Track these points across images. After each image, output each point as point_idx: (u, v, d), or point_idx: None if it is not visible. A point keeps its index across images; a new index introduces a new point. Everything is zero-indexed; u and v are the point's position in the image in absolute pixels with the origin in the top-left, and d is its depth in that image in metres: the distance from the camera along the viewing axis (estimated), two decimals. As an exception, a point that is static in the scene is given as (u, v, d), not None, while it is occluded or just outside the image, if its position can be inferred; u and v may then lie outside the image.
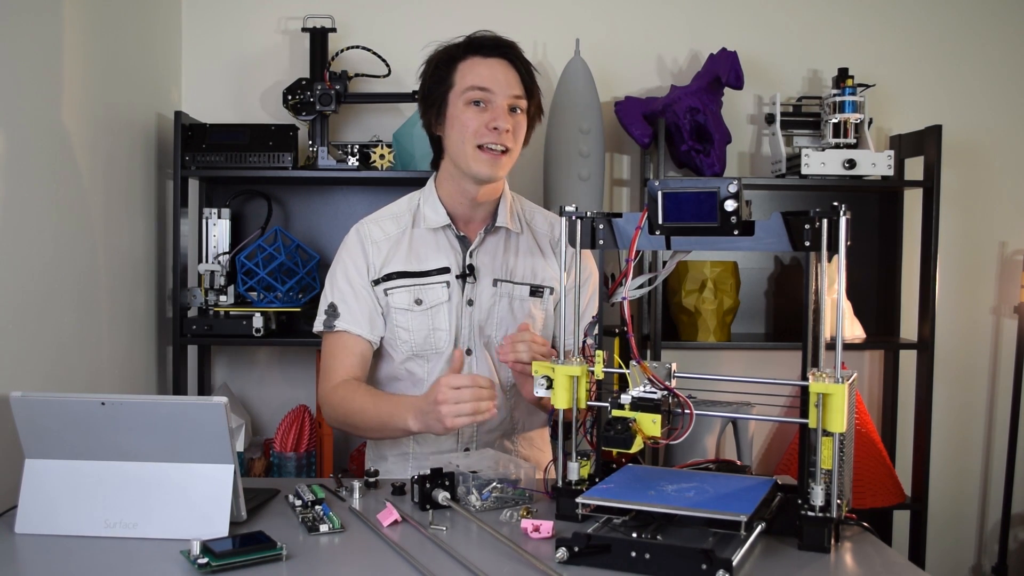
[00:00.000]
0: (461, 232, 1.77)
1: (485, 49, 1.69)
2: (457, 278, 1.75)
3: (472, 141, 1.66)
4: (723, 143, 2.62)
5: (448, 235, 1.77)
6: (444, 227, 1.76)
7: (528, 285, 1.78)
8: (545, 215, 1.87)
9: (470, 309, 1.75)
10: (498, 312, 1.76)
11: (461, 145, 1.68)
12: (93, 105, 2.12)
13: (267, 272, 2.49)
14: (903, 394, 2.80)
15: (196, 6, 2.77)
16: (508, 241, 1.79)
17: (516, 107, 1.69)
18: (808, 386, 1.22)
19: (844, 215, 1.22)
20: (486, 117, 1.66)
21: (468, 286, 1.75)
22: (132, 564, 1.22)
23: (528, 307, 1.77)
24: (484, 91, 1.66)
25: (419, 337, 1.74)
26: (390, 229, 1.78)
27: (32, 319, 1.82)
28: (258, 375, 2.81)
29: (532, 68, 1.73)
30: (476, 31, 1.72)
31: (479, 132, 1.66)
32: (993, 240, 2.90)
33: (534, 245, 1.81)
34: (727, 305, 2.65)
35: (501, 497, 1.43)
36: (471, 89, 1.67)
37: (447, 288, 1.74)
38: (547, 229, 1.85)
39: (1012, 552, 2.87)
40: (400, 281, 1.74)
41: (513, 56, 1.70)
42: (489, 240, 1.78)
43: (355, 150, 2.53)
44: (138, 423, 1.30)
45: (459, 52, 1.71)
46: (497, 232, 1.79)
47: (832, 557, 1.22)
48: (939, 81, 2.86)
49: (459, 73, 1.69)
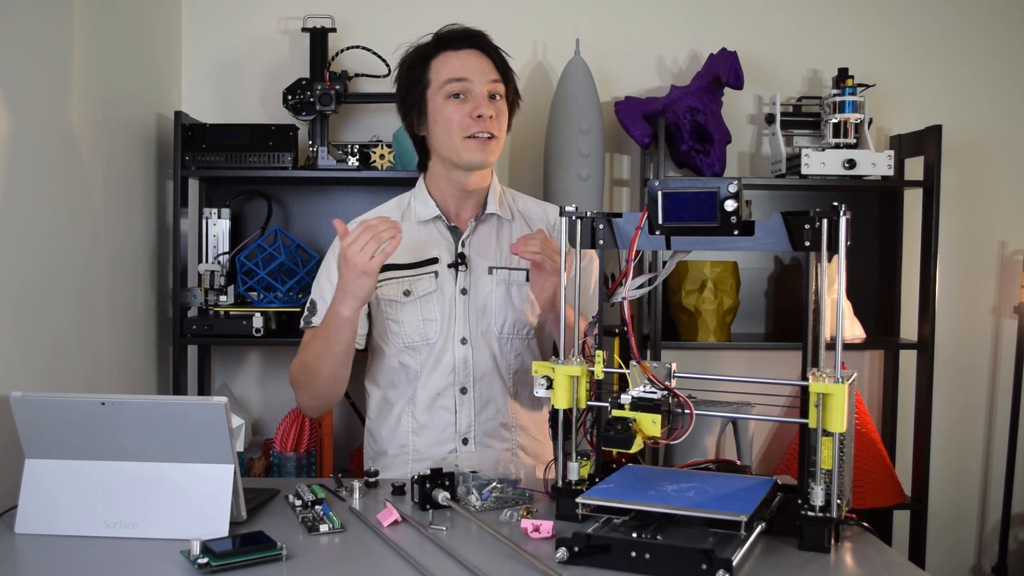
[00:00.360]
0: (452, 223, 1.79)
1: (455, 42, 1.72)
2: (449, 267, 1.76)
3: (459, 133, 1.68)
4: (723, 143, 2.62)
5: (439, 226, 1.79)
6: (434, 219, 1.78)
7: (525, 270, 1.78)
8: (538, 202, 1.89)
9: (464, 298, 1.76)
10: (496, 299, 1.76)
11: (448, 139, 1.70)
12: (93, 105, 2.12)
13: (267, 272, 2.49)
14: (903, 394, 2.80)
15: (196, 6, 2.76)
16: (501, 229, 1.81)
17: (495, 93, 1.71)
18: (808, 386, 1.22)
19: (844, 215, 1.22)
20: (468, 107, 1.68)
21: (461, 275, 1.76)
22: (132, 564, 1.22)
23: (526, 292, 1.78)
24: (462, 82, 1.68)
25: (409, 328, 1.75)
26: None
27: (32, 319, 1.82)
28: (258, 375, 2.81)
29: (504, 53, 1.75)
30: (443, 26, 1.74)
31: (464, 123, 1.68)
32: (993, 240, 2.90)
33: (527, 230, 1.81)
34: (727, 305, 2.65)
35: (501, 497, 1.43)
36: (449, 82, 1.69)
37: (435, 278, 1.75)
38: (541, 214, 1.86)
39: (1012, 552, 2.87)
40: (389, 274, 1.76)
41: (484, 44, 1.73)
42: (481, 229, 1.79)
43: (355, 150, 2.54)
44: (138, 423, 1.30)
45: (430, 50, 1.73)
46: (489, 221, 1.80)
47: (832, 557, 1.23)
48: (939, 81, 2.86)
49: (433, 70, 1.71)
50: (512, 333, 1.78)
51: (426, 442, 1.77)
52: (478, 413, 1.76)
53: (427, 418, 1.77)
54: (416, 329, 1.75)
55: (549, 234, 1.81)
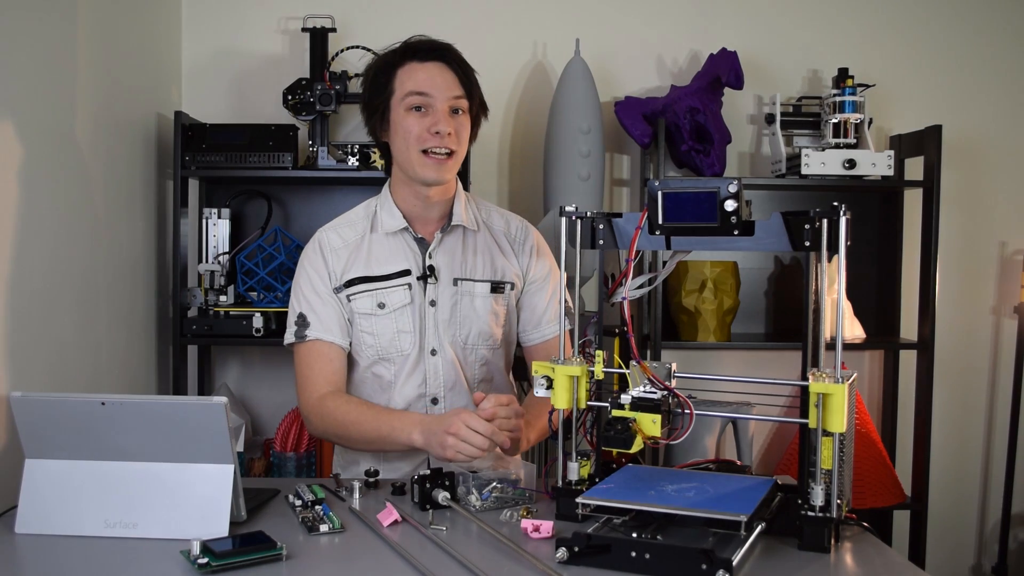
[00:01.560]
0: (419, 234, 1.78)
1: (421, 53, 1.70)
2: (418, 279, 1.75)
3: (416, 147, 1.67)
4: (723, 143, 2.62)
5: (406, 238, 1.77)
6: (401, 230, 1.77)
7: (488, 282, 1.78)
8: (501, 213, 1.88)
9: (433, 310, 1.75)
10: (461, 310, 1.76)
11: (406, 151, 1.69)
12: (93, 105, 2.12)
13: (267, 272, 2.49)
14: (903, 394, 2.80)
15: (196, 6, 2.77)
16: (466, 240, 1.80)
17: (457, 108, 1.70)
18: (808, 386, 1.22)
19: (844, 215, 1.22)
20: (427, 122, 1.67)
21: (430, 287, 1.75)
22: (132, 564, 1.22)
23: (490, 304, 1.78)
24: (423, 96, 1.67)
25: (384, 341, 1.74)
26: (348, 236, 1.79)
27: (32, 319, 1.82)
28: (258, 375, 2.81)
29: (470, 69, 1.74)
30: (412, 36, 1.74)
31: (422, 137, 1.67)
32: (993, 240, 2.90)
33: (492, 242, 1.82)
34: (727, 305, 2.65)
35: (501, 497, 1.43)
36: (410, 95, 1.68)
37: (409, 290, 1.75)
38: (503, 226, 1.85)
39: (1012, 552, 2.87)
40: (362, 286, 1.75)
41: (450, 58, 1.71)
42: (447, 240, 1.78)
43: (355, 150, 2.53)
44: (138, 423, 1.30)
45: (397, 58, 1.72)
46: (454, 232, 1.79)
47: (832, 557, 1.23)
48: (939, 81, 2.86)
49: (398, 79, 1.70)
50: (477, 343, 1.77)
51: (398, 451, 1.75)
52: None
53: None
54: (391, 341, 1.74)
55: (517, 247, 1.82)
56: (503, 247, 1.82)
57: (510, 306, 1.81)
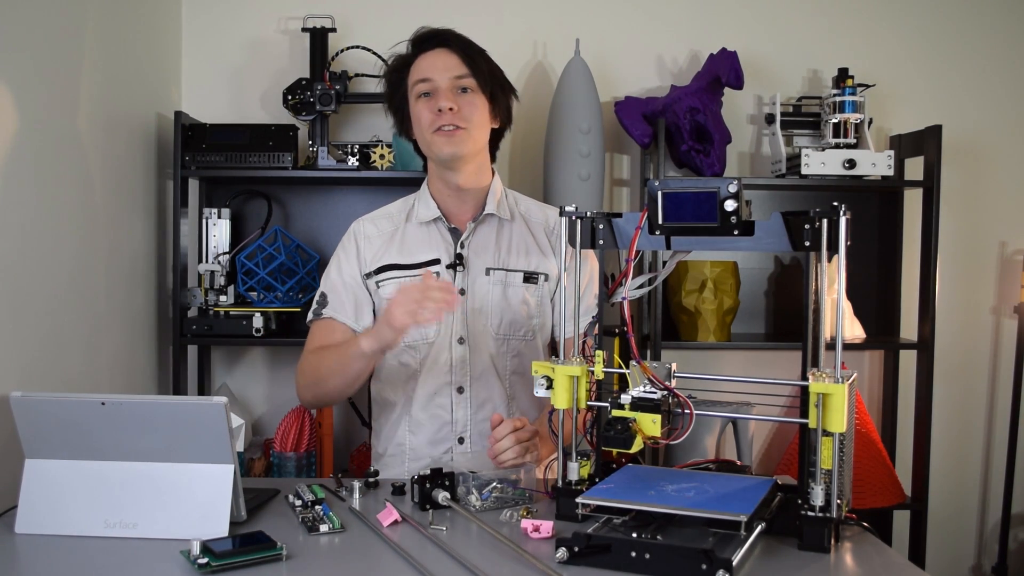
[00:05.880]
0: (452, 225, 1.82)
1: (425, 44, 1.77)
2: (448, 267, 1.78)
3: (428, 129, 1.74)
4: (723, 143, 2.62)
5: (440, 228, 1.82)
6: (435, 220, 1.81)
7: (522, 272, 1.81)
8: (539, 205, 1.92)
9: (462, 298, 1.78)
10: (492, 300, 1.79)
11: (422, 137, 1.76)
12: (93, 105, 2.12)
13: (267, 272, 2.49)
14: (903, 394, 2.80)
15: (196, 6, 2.76)
16: (501, 231, 1.83)
17: (464, 87, 1.75)
18: (808, 386, 1.22)
19: (844, 215, 1.22)
20: (433, 103, 1.73)
21: (460, 275, 1.78)
22: (132, 564, 1.22)
23: (522, 293, 1.80)
24: (426, 82, 1.74)
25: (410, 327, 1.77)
26: (384, 226, 1.85)
27: (32, 319, 1.82)
28: (258, 375, 2.81)
29: (474, 48, 1.78)
30: (417, 29, 1.80)
31: (430, 120, 1.73)
32: (993, 240, 2.89)
33: (527, 233, 1.84)
34: (727, 305, 2.65)
35: (501, 497, 1.43)
36: (416, 83, 1.75)
37: (437, 279, 1.76)
38: (541, 216, 1.88)
39: (1012, 552, 2.87)
40: (391, 273, 1.80)
41: (450, 41, 1.77)
42: (481, 230, 1.82)
43: (355, 150, 2.54)
44: (138, 423, 1.31)
45: (405, 57, 1.80)
46: (488, 222, 1.82)
47: (832, 557, 1.23)
48: (939, 81, 2.86)
49: (410, 75, 1.78)
50: (509, 333, 1.79)
51: (422, 440, 1.79)
52: (474, 413, 1.77)
53: (424, 416, 1.79)
54: (416, 328, 1.76)
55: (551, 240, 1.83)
56: (539, 239, 1.85)
57: (543, 297, 1.83)
